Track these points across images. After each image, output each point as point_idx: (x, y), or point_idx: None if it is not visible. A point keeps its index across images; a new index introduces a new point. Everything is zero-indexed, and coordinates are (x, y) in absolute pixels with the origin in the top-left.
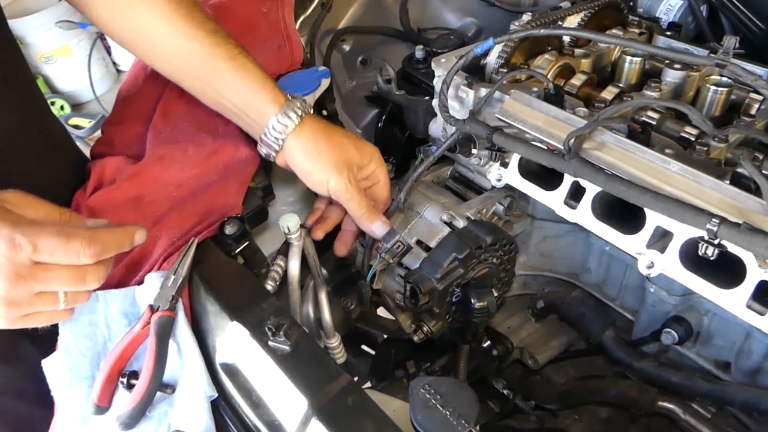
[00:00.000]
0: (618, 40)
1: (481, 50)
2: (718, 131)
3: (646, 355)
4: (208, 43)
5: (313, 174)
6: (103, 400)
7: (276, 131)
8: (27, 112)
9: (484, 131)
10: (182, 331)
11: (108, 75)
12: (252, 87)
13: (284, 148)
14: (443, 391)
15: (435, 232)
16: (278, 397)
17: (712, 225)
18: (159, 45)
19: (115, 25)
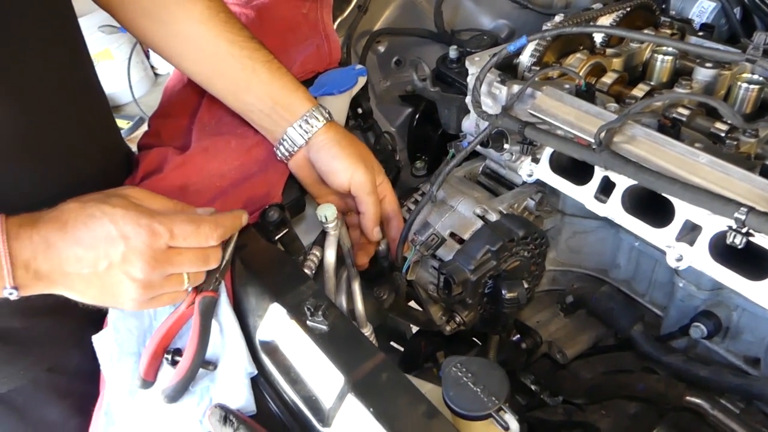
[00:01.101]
0: (648, 37)
1: (514, 48)
2: (747, 125)
3: (675, 350)
4: (247, 47)
5: (339, 166)
6: (149, 375)
7: (308, 124)
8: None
9: (516, 125)
10: (224, 311)
11: (146, 78)
12: (289, 86)
13: (310, 143)
14: (474, 370)
15: (468, 225)
16: (315, 374)
17: (740, 214)
18: (197, 48)
19: (152, 30)
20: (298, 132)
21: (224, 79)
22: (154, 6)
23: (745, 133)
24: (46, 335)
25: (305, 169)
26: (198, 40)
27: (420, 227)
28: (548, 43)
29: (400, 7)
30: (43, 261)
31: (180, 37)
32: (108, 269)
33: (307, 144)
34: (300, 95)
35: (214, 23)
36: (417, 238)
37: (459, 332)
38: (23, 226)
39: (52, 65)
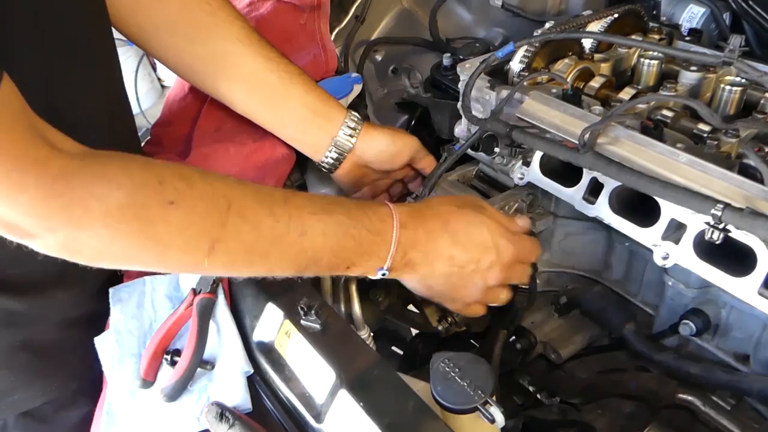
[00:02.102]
0: (631, 41)
1: (502, 54)
2: (725, 125)
3: (667, 349)
4: (282, 62)
5: (399, 144)
6: (149, 375)
7: (351, 129)
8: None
9: (504, 129)
10: (222, 312)
11: (153, 90)
12: (323, 97)
13: (357, 145)
14: (461, 365)
15: None
16: (309, 372)
17: (717, 210)
18: (237, 66)
19: (189, 51)
20: (344, 138)
21: (263, 93)
22: (194, 28)
23: (726, 134)
24: (78, 347)
25: (352, 171)
26: (237, 58)
27: None
28: (537, 49)
29: (397, 17)
30: (419, 252)
31: (219, 57)
32: (472, 272)
33: (354, 146)
34: (334, 104)
35: (251, 41)
36: None
37: (457, 334)
38: (411, 217)
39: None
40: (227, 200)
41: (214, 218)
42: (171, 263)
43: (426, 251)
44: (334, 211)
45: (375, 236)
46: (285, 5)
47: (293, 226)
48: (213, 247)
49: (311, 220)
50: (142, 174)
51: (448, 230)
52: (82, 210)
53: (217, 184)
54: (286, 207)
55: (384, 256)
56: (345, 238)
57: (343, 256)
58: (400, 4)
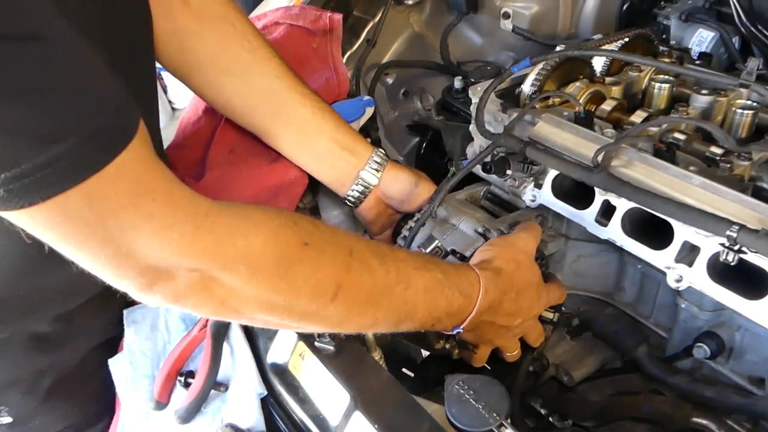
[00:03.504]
0: (648, 61)
1: (517, 69)
2: (740, 147)
3: (680, 371)
4: (314, 98)
5: (419, 183)
6: (163, 397)
7: (378, 164)
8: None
9: (518, 145)
10: (235, 334)
11: (164, 112)
12: (351, 133)
13: (382, 181)
14: (476, 387)
15: (470, 243)
16: (323, 393)
17: (732, 231)
18: (273, 101)
19: (231, 87)
20: (370, 173)
21: (296, 128)
22: (235, 65)
23: (740, 157)
24: (98, 370)
25: (375, 207)
26: (274, 93)
27: (424, 240)
28: (549, 72)
29: (408, 41)
30: (491, 314)
31: (257, 92)
32: (516, 328)
33: (378, 182)
34: (361, 140)
35: (287, 77)
36: (422, 250)
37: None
38: (493, 282)
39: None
40: (348, 246)
41: (341, 262)
42: (296, 310)
43: (495, 313)
44: (433, 269)
45: (464, 299)
46: (298, 29)
47: (401, 278)
48: (337, 292)
49: (415, 274)
50: (279, 215)
51: (514, 291)
52: (229, 246)
53: (336, 231)
54: (394, 260)
55: (465, 317)
56: (441, 296)
57: (435, 314)
58: (411, 28)
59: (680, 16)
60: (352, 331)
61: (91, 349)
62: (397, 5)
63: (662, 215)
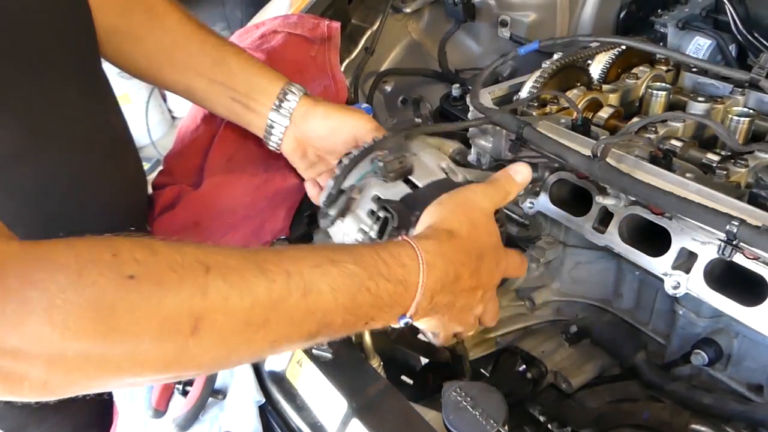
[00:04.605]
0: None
1: (524, 51)
2: (742, 147)
3: (679, 378)
4: (216, 43)
5: (337, 119)
6: (161, 405)
7: (286, 101)
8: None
9: (515, 124)
10: None
11: (164, 121)
12: (261, 72)
13: (294, 119)
14: (473, 394)
15: (428, 174)
16: (321, 401)
17: (732, 226)
18: (173, 56)
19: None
20: (280, 113)
21: (201, 79)
22: (137, 28)
23: (736, 163)
24: None
25: (299, 150)
26: (173, 48)
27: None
28: (546, 79)
29: (406, 49)
30: (446, 294)
31: (160, 50)
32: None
33: (292, 122)
34: (271, 76)
35: (186, 28)
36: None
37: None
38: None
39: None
40: (204, 264)
41: (191, 286)
42: (148, 361)
43: (453, 291)
44: (341, 261)
45: (396, 286)
46: (296, 38)
47: (294, 285)
48: (196, 325)
49: (314, 274)
50: (90, 249)
51: (473, 258)
52: (18, 304)
53: (188, 250)
54: (281, 263)
55: (408, 304)
56: (359, 292)
57: (360, 313)
58: (409, 36)
59: (677, 23)
60: (248, 361)
61: None
62: (396, 13)
63: (662, 208)
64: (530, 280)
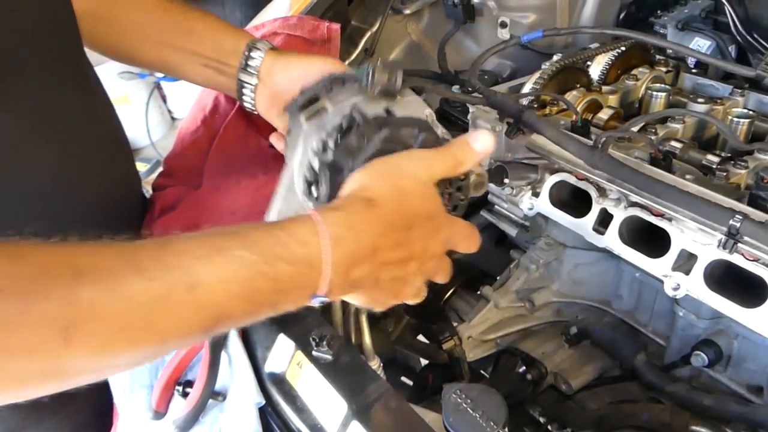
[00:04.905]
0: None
1: (527, 39)
2: (744, 145)
3: (679, 380)
4: (180, 10)
5: (302, 67)
6: (161, 406)
7: (252, 58)
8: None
9: (515, 108)
10: (233, 343)
11: (163, 122)
12: (226, 31)
13: (262, 74)
14: (473, 396)
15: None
16: (321, 403)
17: (736, 221)
18: (142, 32)
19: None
20: (248, 72)
21: (173, 51)
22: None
23: (735, 165)
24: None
25: (274, 108)
26: (142, 24)
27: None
28: (546, 80)
29: (405, 50)
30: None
31: (127, 29)
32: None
33: (260, 79)
34: (237, 35)
35: (153, 2)
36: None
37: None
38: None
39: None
40: (74, 269)
41: (58, 297)
42: (26, 377)
43: (374, 264)
44: (229, 248)
45: (298, 267)
46: (296, 39)
47: (175, 281)
48: (69, 335)
49: (199, 266)
50: None
51: (397, 229)
52: None
53: (60, 252)
54: (163, 258)
55: (317, 284)
56: (255, 278)
57: (261, 300)
58: (409, 37)
59: (677, 24)
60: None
61: None
62: (395, 15)
63: (663, 202)
64: (530, 281)
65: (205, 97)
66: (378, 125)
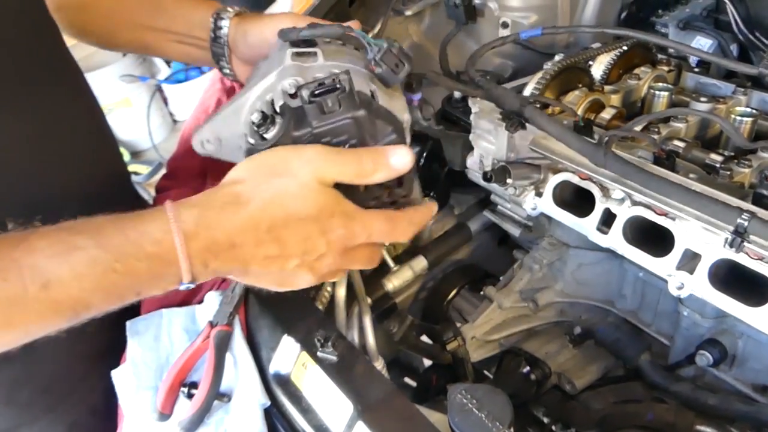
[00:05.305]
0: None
1: (526, 36)
2: (749, 144)
3: (683, 379)
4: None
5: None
6: (166, 408)
7: (219, 29)
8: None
9: (517, 102)
10: (238, 344)
11: (165, 125)
12: (193, 4)
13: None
14: (479, 396)
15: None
16: (326, 403)
17: (743, 220)
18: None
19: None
20: (219, 43)
21: (149, 32)
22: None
23: (739, 164)
24: (85, 380)
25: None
26: (114, 9)
27: None
28: (548, 81)
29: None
30: (223, 260)
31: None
32: (297, 267)
33: (230, 48)
34: (204, 7)
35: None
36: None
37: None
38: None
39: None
40: None
41: None
42: None
43: (233, 258)
44: (82, 247)
45: (152, 262)
46: None
47: (29, 280)
48: None
49: (51, 264)
50: None
51: (258, 229)
52: None
53: None
54: (18, 258)
55: (178, 274)
56: (108, 274)
57: (119, 291)
58: (410, 38)
59: (678, 24)
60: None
61: (72, 360)
62: (396, 16)
63: (668, 201)
64: (533, 281)
65: (207, 99)
66: (359, 103)
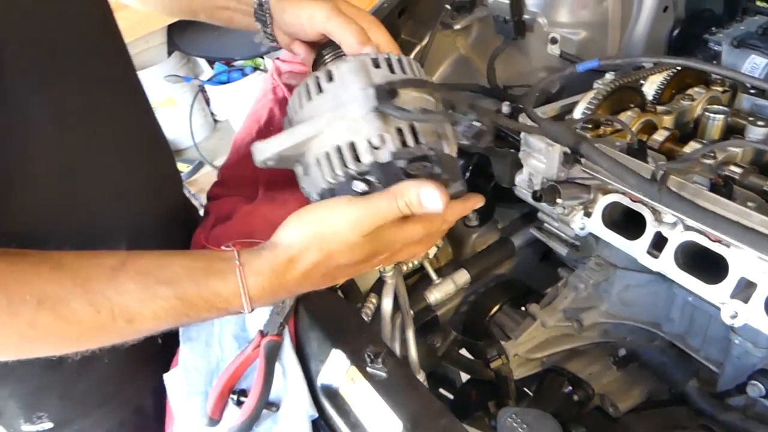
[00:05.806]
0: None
1: (582, 68)
2: None
3: (732, 408)
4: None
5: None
6: (216, 414)
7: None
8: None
9: (571, 139)
10: (288, 355)
11: (206, 124)
12: None
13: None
14: (529, 421)
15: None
16: (374, 420)
17: None
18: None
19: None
20: (262, 11)
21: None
22: None
23: None
24: (132, 378)
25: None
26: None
27: None
28: (600, 101)
29: (454, 63)
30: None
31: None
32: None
33: (272, 18)
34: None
35: None
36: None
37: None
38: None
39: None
40: (38, 296)
41: (21, 319)
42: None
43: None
44: (161, 297)
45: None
46: None
47: (118, 314)
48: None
49: (137, 306)
50: None
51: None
52: None
53: (25, 281)
54: (109, 297)
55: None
56: (181, 318)
57: (186, 322)
58: (458, 51)
59: (732, 42)
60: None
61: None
62: (444, 29)
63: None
64: (578, 301)
65: (259, 109)
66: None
